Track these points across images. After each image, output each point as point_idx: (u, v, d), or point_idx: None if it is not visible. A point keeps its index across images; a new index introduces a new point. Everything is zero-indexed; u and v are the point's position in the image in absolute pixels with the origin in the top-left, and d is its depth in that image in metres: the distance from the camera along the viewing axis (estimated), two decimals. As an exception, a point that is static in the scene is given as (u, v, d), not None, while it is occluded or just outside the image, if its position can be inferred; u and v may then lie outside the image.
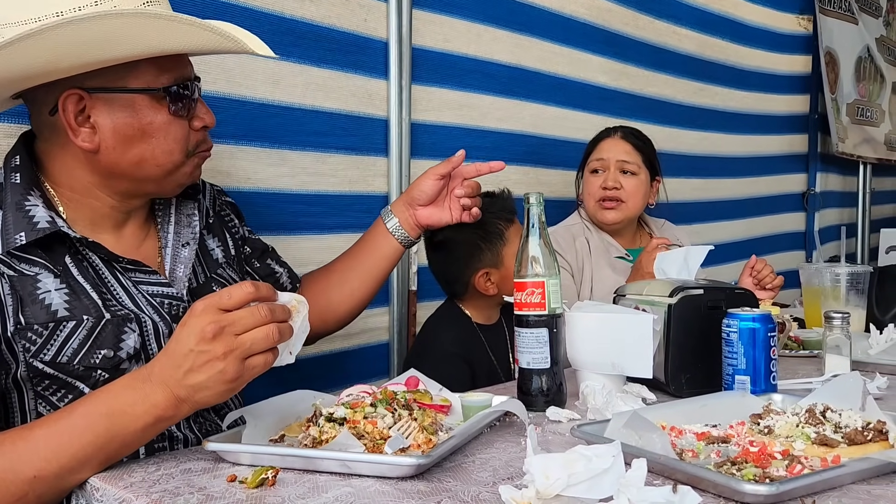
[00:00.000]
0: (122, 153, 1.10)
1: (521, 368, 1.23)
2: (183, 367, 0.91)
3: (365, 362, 1.98)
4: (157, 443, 1.13)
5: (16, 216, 1.06)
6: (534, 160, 2.40)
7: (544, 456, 0.77)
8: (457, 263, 1.74)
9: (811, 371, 1.49)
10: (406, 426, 1.01)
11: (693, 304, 1.30)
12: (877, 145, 4.38)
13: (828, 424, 0.97)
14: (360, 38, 1.91)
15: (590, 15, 2.58)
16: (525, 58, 2.35)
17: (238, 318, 0.91)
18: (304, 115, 1.80)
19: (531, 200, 1.24)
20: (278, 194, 1.77)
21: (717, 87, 3.26)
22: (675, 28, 2.98)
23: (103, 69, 1.05)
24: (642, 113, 2.78)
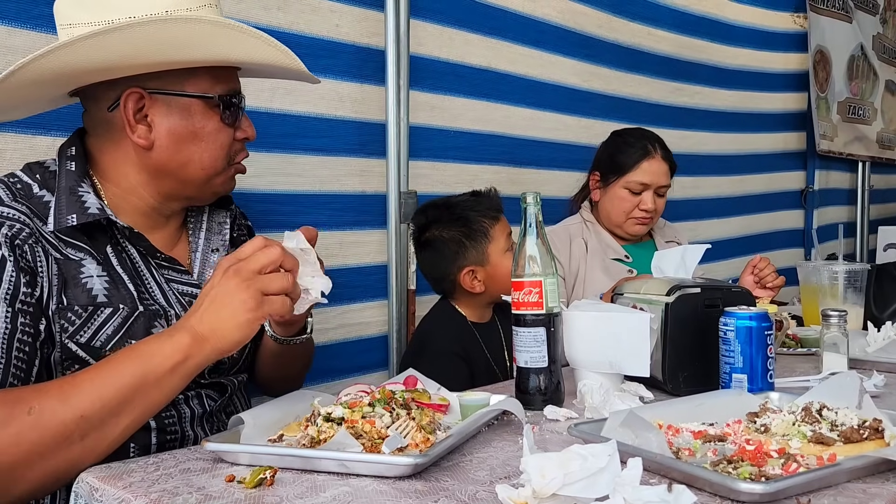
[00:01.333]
0: (172, 153, 1.17)
1: (519, 367, 1.24)
2: (205, 307, 1.00)
3: (363, 353, 2.01)
4: (168, 437, 1.17)
5: (69, 199, 1.13)
6: (506, 160, 2.40)
7: (540, 455, 0.78)
8: (443, 261, 1.76)
9: (809, 369, 1.49)
10: (404, 425, 1.01)
11: (690, 302, 1.30)
12: (869, 143, 4.39)
13: (824, 423, 0.97)
14: (360, 48, 1.94)
15: (562, 18, 2.59)
16: (497, 60, 2.35)
17: (254, 259, 1.01)
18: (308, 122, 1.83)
19: (528, 200, 1.25)
20: (284, 195, 1.82)
21: (698, 86, 3.26)
22: (650, 29, 2.99)
23: (163, 73, 1.14)
24: (615, 113, 2.79)
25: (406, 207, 2.02)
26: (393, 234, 2.02)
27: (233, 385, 1.32)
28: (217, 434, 1.03)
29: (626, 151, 2.13)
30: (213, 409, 1.27)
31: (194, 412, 1.23)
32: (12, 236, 1.06)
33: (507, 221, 1.80)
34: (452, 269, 1.76)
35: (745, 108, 3.55)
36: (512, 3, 2.41)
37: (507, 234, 1.78)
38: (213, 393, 1.27)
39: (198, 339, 0.99)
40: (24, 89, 1.12)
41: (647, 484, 0.75)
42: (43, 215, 1.11)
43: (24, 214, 1.09)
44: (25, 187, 1.14)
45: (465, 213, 1.78)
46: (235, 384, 1.33)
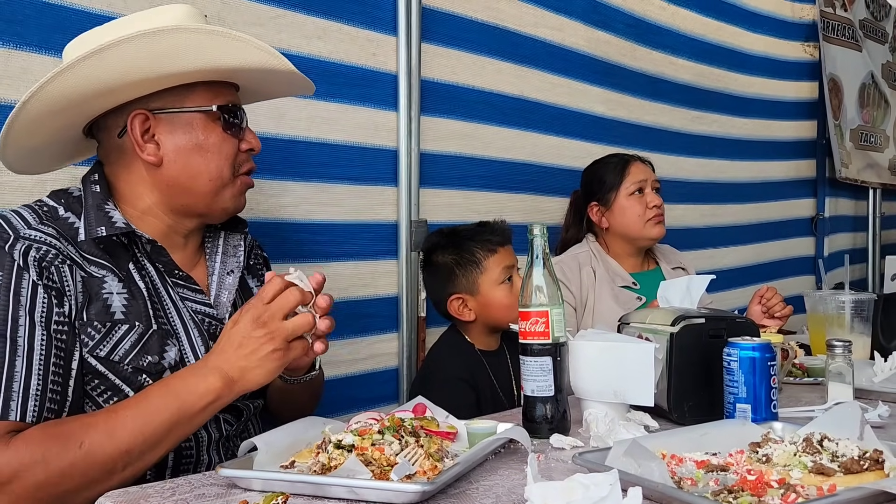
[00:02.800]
0: (181, 167, 1.24)
1: (526, 396, 1.26)
2: (236, 352, 1.09)
3: (373, 387, 2.01)
4: (184, 460, 1.22)
5: (97, 214, 1.20)
6: (532, 188, 2.45)
7: (544, 484, 0.80)
8: (436, 286, 1.82)
9: (814, 399, 1.50)
10: (412, 453, 1.04)
11: (695, 332, 1.32)
12: (881, 170, 4.39)
13: (825, 453, 0.99)
14: (370, 71, 1.97)
15: (589, 47, 2.65)
16: (526, 88, 2.41)
17: (279, 306, 1.09)
18: (308, 148, 1.85)
19: (535, 231, 1.27)
20: (280, 223, 1.82)
21: (716, 114, 3.30)
22: (671, 58, 3.05)
23: (164, 93, 1.22)
24: (639, 141, 2.83)
25: (417, 236, 2.06)
26: (404, 263, 2.06)
27: (248, 410, 1.35)
28: (231, 460, 1.06)
29: (611, 170, 2.25)
30: (230, 433, 1.30)
31: (211, 436, 1.26)
32: (40, 258, 1.11)
33: (513, 252, 1.83)
34: (443, 294, 1.82)
35: (759, 136, 3.59)
36: (542, 32, 2.47)
37: (504, 266, 1.80)
38: (230, 417, 1.31)
39: (228, 381, 1.09)
40: (41, 122, 1.18)
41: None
42: (70, 235, 1.17)
43: (51, 236, 1.14)
44: (52, 210, 1.20)
45: (461, 242, 1.82)
46: (251, 409, 1.36)
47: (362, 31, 1.95)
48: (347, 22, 1.91)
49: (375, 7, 1.98)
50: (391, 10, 2.00)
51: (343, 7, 1.90)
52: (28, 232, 1.13)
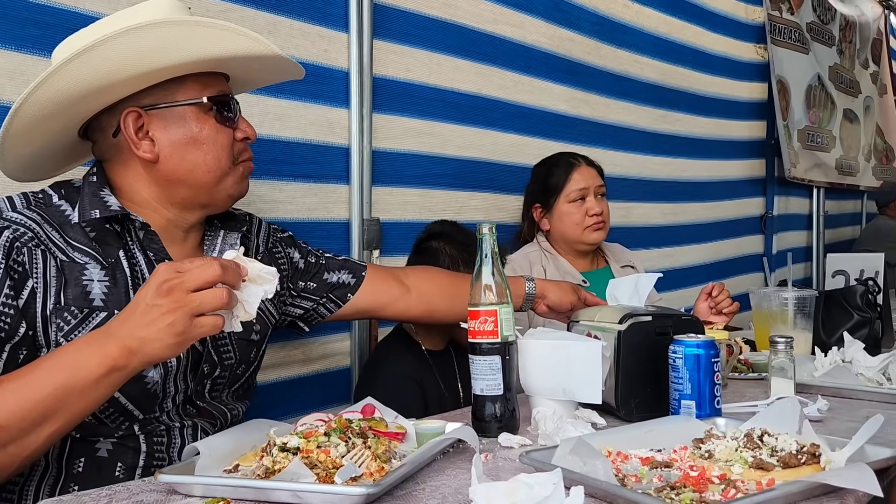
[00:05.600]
0: (178, 161, 1.23)
1: (475, 395, 1.25)
2: (136, 319, 0.99)
3: (326, 388, 1.99)
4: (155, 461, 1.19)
5: (92, 200, 1.19)
6: (493, 186, 2.45)
7: (488, 484, 0.80)
8: None
9: (758, 394, 1.53)
10: (359, 455, 1.03)
11: (642, 330, 1.34)
12: (828, 170, 4.53)
13: (765, 448, 1.01)
14: (321, 68, 1.95)
15: (551, 44, 2.65)
16: (486, 86, 2.41)
17: (190, 276, 0.98)
18: (259, 145, 1.82)
19: (484, 231, 1.27)
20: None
21: (680, 113, 3.35)
22: (636, 57, 3.07)
23: (154, 89, 1.20)
24: (603, 139, 2.86)
25: (369, 234, 2.04)
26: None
27: (225, 418, 1.32)
28: (171, 465, 1.03)
29: (554, 172, 2.25)
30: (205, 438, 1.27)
31: (185, 443, 1.24)
32: (13, 239, 1.11)
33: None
34: None
35: (716, 135, 3.65)
36: (502, 29, 2.46)
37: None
38: (206, 425, 1.28)
39: (125, 351, 0.99)
40: (35, 128, 1.18)
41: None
42: (57, 222, 1.17)
43: (33, 220, 1.14)
44: (46, 198, 1.21)
45: (464, 236, 1.83)
46: (229, 417, 1.33)
47: (314, 26, 1.92)
48: (298, 17, 1.88)
49: (327, 3, 1.95)
50: (342, 6, 1.98)
51: (294, 2, 1.87)
52: (10, 214, 1.14)
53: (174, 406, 1.23)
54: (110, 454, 1.17)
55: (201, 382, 1.28)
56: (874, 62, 5.27)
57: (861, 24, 5.01)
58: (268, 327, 1.42)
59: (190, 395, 1.26)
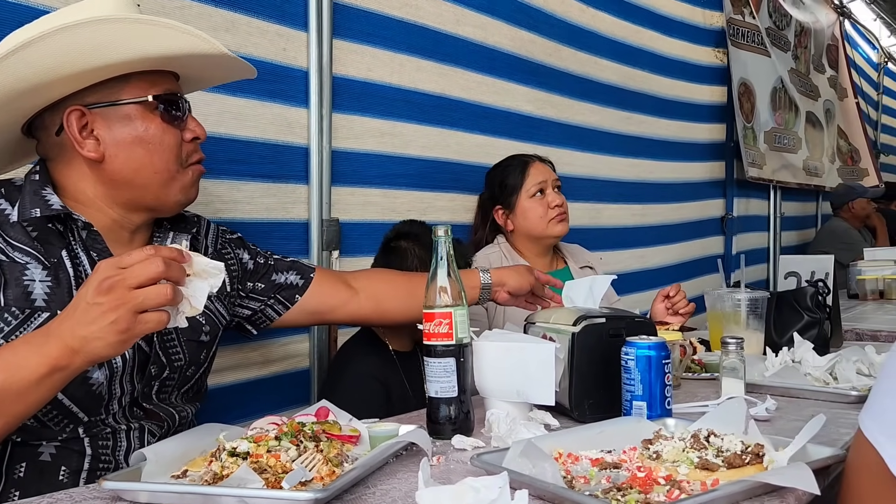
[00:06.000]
0: (123, 161, 1.20)
1: (430, 397, 1.26)
2: (77, 318, 0.96)
3: (285, 390, 1.97)
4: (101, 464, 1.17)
5: (33, 198, 1.17)
6: (459, 187, 2.45)
7: (434, 488, 0.80)
8: (395, 269, 1.79)
9: (710, 394, 1.56)
10: (310, 459, 1.02)
11: (595, 332, 1.35)
12: (796, 171, 4.63)
13: (710, 449, 1.03)
14: (280, 67, 1.93)
15: (514, 46, 2.67)
16: (449, 87, 2.41)
17: (131, 273, 0.95)
18: (216, 144, 1.80)
19: (440, 233, 1.27)
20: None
21: (643, 115, 3.40)
22: (596, 59, 3.11)
23: (99, 87, 1.18)
24: (569, 140, 2.88)
25: (328, 235, 2.03)
26: (315, 262, 2.02)
27: (173, 420, 1.30)
28: (116, 472, 1.02)
29: (511, 172, 2.29)
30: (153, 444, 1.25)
31: (132, 445, 1.22)
32: None
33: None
34: None
35: (679, 137, 3.71)
36: (464, 30, 2.46)
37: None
38: (154, 427, 1.26)
39: (67, 351, 0.97)
40: None
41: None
42: None
43: None
44: None
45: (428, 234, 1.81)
46: (177, 419, 1.30)
47: (272, 25, 1.90)
48: (256, 15, 1.86)
49: (285, 1, 1.93)
50: (302, 4, 1.96)
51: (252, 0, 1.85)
52: None
53: (120, 408, 1.21)
54: (53, 458, 1.15)
55: (149, 384, 1.26)
56: (831, 67, 5.40)
57: (816, 30, 5.13)
58: (218, 328, 1.40)
59: (137, 396, 1.24)
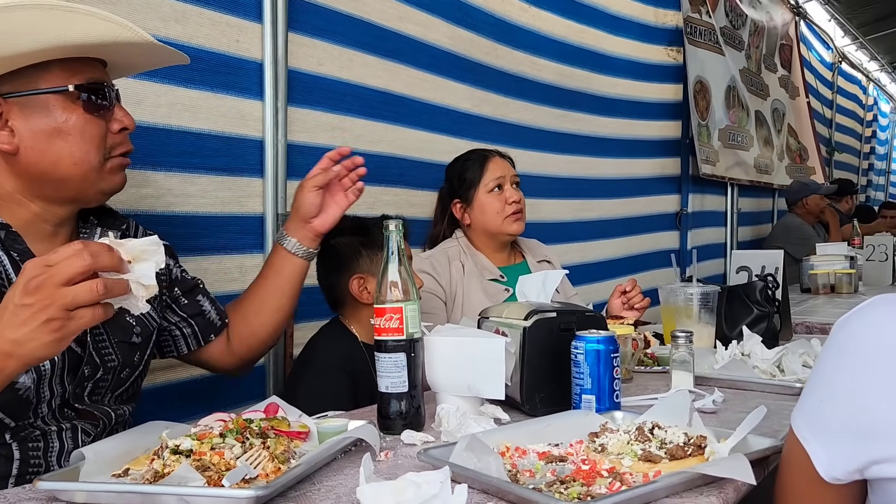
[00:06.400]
0: (40, 153, 1.15)
1: (380, 392, 1.25)
2: (6, 321, 0.92)
3: (238, 385, 1.95)
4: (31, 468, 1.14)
5: None
6: (404, 182, 2.46)
7: (375, 484, 0.80)
8: (336, 268, 1.80)
9: (660, 386, 1.58)
10: (256, 456, 1.01)
11: (546, 326, 1.36)
12: (748, 168, 4.73)
13: (654, 441, 1.04)
14: (233, 58, 1.90)
15: (452, 44, 2.67)
16: (394, 83, 2.41)
17: (58, 270, 0.91)
18: (168, 136, 1.77)
19: (391, 227, 1.27)
20: (140, 216, 1.72)
21: (580, 113, 3.43)
22: (533, 59, 3.13)
23: (14, 75, 1.12)
24: (506, 138, 2.90)
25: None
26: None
27: (108, 418, 1.26)
28: (53, 472, 0.99)
29: (470, 166, 2.28)
30: (87, 444, 1.21)
31: (64, 446, 1.18)
32: None
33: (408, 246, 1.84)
34: (344, 275, 1.80)
35: (625, 134, 3.75)
36: (406, 27, 2.45)
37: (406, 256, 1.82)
38: (88, 427, 1.22)
39: (0, 356, 0.93)
40: None
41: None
42: None
43: None
44: None
45: (367, 227, 1.83)
46: (112, 418, 1.27)
47: (224, 15, 1.87)
48: (207, 6, 1.83)
49: (238, -8, 1.91)
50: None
51: (203, -10, 1.82)
52: None
53: (49, 410, 1.17)
54: None
55: (81, 385, 1.22)
56: (783, 67, 5.51)
57: (769, 30, 5.23)
58: (150, 330, 1.36)
59: (68, 398, 1.20)
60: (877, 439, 0.79)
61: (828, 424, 0.84)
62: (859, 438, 0.81)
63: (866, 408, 0.80)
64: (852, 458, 0.81)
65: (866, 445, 0.80)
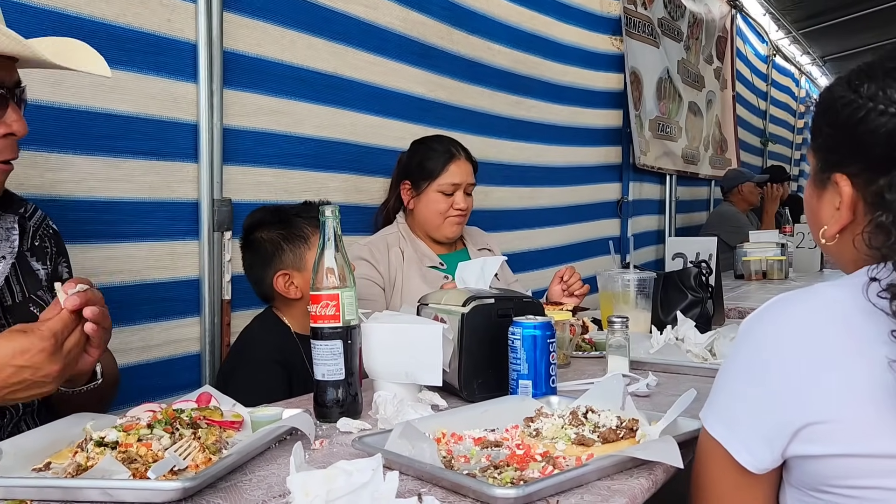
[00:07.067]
0: None
1: (317, 380, 1.23)
2: None
3: (172, 375, 1.90)
4: None
5: None
6: (353, 168, 2.42)
7: (305, 473, 0.78)
8: (261, 263, 1.76)
9: (597, 371, 1.61)
10: (185, 447, 0.98)
11: (484, 312, 1.36)
12: (675, 158, 4.83)
13: (588, 425, 1.05)
14: (164, 38, 1.84)
15: (404, 27, 2.64)
16: (341, 66, 2.36)
17: None
18: (91, 118, 1.70)
19: (327, 213, 1.25)
20: (59, 201, 1.65)
21: (534, 100, 3.44)
22: (488, 44, 3.12)
23: None
24: (461, 123, 2.88)
25: (220, 216, 1.96)
26: (206, 243, 1.95)
27: (16, 409, 1.21)
28: (-33, 468, 0.94)
29: (433, 157, 2.23)
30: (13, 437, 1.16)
31: None
32: None
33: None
34: (269, 271, 1.76)
35: (572, 122, 3.77)
36: (354, 9, 2.41)
37: None
38: None
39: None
40: None
41: (421, 493, 0.77)
42: None
43: None
44: None
45: (288, 218, 1.78)
46: (21, 408, 1.22)
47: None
48: (137, -17, 1.76)
49: (169, -30, 1.84)
50: (187, -27, 1.88)
51: (132, -33, 1.75)
52: None
53: None
54: None
55: None
56: (718, 59, 5.64)
57: (707, 22, 5.34)
58: None
59: None
60: (788, 423, 0.84)
61: (742, 419, 0.88)
62: (773, 426, 0.85)
63: (774, 398, 0.85)
64: (770, 445, 0.86)
65: (780, 431, 0.84)
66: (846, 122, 0.90)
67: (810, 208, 1.02)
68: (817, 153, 0.99)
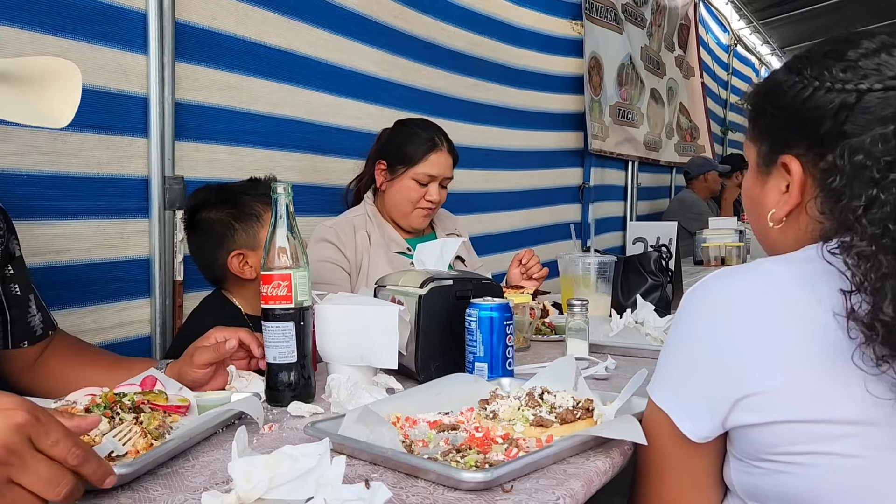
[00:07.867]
0: None
1: (268, 363, 1.19)
2: None
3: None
4: None
5: None
6: (309, 147, 2.36)
7: (248, 459, 0.75)
8: (211, 245, 1.70)
9: (557, 354, 1.58)
10: (126, 432, 0.94)
11: (442, 294, 1.33)
12: (637, 145, 4.85)
13: (544, 406, 1.03)
14: (112, 7, 1.75)
15: (359, 5, 2.58)
16: (296, 42, 2.30)
17: None
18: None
19: (279, 190, 1.20)
20: (2, 174, 1.58)
21: (491, 83, 3.41)
22: (442, 24, 3.08)
23: None
24: (416, 104, 2.84)
25: (171, 194, 1.90)
26: (157, 222, 1.89)
27: None
28: None
29: (415, 143, 2.13)
30: None
31: None
32: None
33: None
34: (221, 252, 1.69)
35: (532, 107, 3.76)
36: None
37: None
38: None
39: None
40: None
41: (369, 479, 0.74)
42: None
43: None
44: None
45: (236, 196, 1.72)
46: None
47: (100, -41, 1.72)
48: (81, -53, 1.68)
49: (117, -66, 1.76)
50: (136, -62, 1.80)
51: (75, -71, 1.67)
52: None
53: None
54: None
55: None
56: (680, 46, 5.68)
57: (670, 10, 5.36)
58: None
59: None
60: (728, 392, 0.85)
61: (685, 390, 0.89)
62: (714, 396, 0.86)
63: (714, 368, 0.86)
64: (711, 414, 0.86)
65: (721, 401, 0.85)
66: (792, 103, 0.92)
67: (752, 198, 1.03)
68: (762, 137, 1.00)
